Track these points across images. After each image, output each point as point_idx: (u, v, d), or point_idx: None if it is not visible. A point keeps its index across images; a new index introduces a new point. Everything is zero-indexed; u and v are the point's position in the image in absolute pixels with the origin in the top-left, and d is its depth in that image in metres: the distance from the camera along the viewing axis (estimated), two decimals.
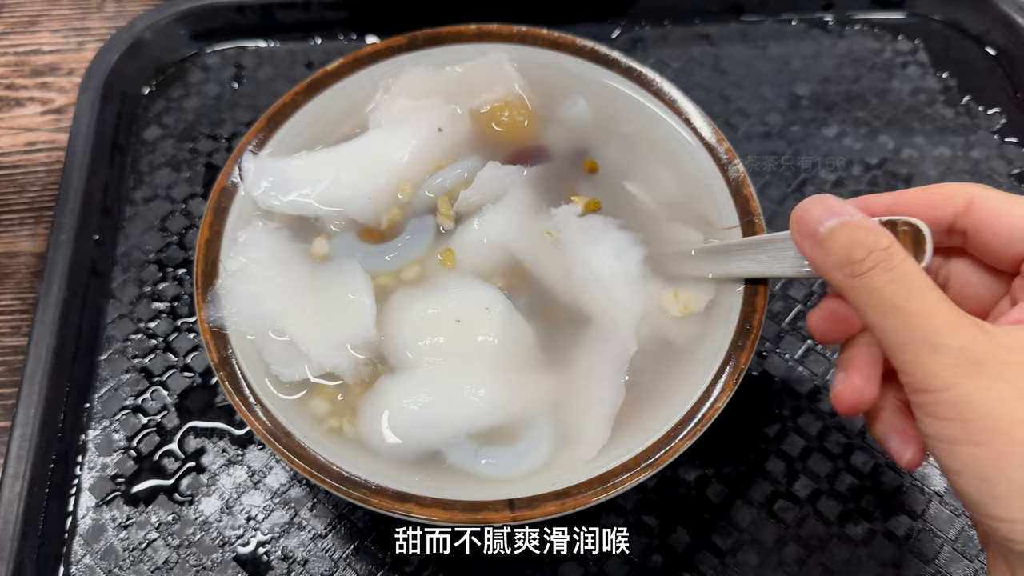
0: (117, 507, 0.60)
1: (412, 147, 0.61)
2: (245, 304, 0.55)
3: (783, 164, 0.75)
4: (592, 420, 0.51)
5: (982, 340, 0.37)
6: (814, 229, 0.43)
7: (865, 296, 0.40)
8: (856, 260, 0.40)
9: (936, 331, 0.37)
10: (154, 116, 0.78)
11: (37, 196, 0.76)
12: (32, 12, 0.86)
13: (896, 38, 0.84)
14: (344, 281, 0.56)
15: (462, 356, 0.53)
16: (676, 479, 0.61)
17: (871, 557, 0.58)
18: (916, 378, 0.38)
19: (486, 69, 0.65)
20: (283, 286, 0.56)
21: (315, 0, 0.81)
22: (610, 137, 0.63)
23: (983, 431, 0.36)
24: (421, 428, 0.51)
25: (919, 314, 0.38)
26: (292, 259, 0.58)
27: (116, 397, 0.64)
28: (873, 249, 0.40)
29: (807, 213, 0.43)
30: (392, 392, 0.52)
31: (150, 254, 0.71)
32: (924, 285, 0.39)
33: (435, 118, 0.62)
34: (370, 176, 0.60)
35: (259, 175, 0.59)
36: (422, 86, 0.64)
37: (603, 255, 0.56)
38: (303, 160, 0.60)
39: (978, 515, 0.38)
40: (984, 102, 0.80)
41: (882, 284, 0.39)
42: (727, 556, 0.58)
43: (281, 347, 0.54)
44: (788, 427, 0.63)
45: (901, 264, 0.39)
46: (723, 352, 0.53)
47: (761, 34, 0.84)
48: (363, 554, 0.58)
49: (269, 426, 0.50)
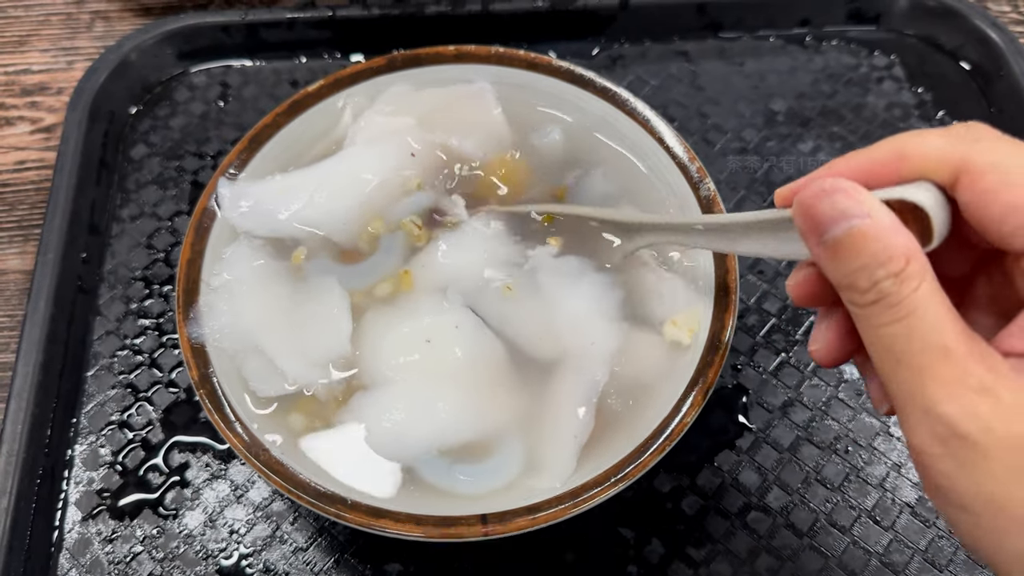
0: (103, 521, 0.61)
1: (383, 169, 0.62)
2: (226, 320, 0.56)
3: (758, 179, 0.77)
4: (559, 450, 0.52)
5: (983, 410, 0.32)
6: (820, 232, 0.36)
7: (865, 330, 0.35)
8: (860, 290, 0.34)
9: (932, 392, 0.33)
10: (141, 135, 0.79)
11: (26, 215, 0.77)
12: (22, 32, 0.88)
13: (872, 53, 0.85)
14: (322, 299, 0.57)
15: (433, 374, 0.54)
16: (651, 491, 0.62)
17: (842, 567, 0.59)
18: (910, 434, 0.34)
19: (468, 99, 0.65)
20: (264, 303, 0.57)
21: (299, 19, 0.82)
22: (580, 164, 0.65)
23: (977, 506, 0.33)
24: (394, 445, 0.52)
25: (919, 369, 0.33)
26: (273, 276, 0.59)
27: (102, 412, 0.65)
28: (879, 278, 0.34)
29: (813, 208, 0.36)
30: (365, 409, 0.53)
31: (136, 271, 0.72)
32: (930, 328, 0.33)
33: (409, 141, 0.63)
34: (342, 197, 0.60)
35: (236, 199, 0.60)
36: (400, 106, 0.65)
37: (580, 298, 0.56)
38: (278, 183, 0.61)
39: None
40: (959, 116, 0.82)
41: (883, 323, 0.34)
42: (701, 567, 0.59)
43: (260, 363, 0.55)
44: (761, 439, 0.64)
45: (908, 298, 0.33)
46: (692, 368, 0.54)
47: (738, 51, 0.85)
48: (343, 567, 0.59)
49: (247, 442, 0.51)
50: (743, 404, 0.66)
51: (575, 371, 0.54)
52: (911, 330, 0.33)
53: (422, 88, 0.67)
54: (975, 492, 0.32)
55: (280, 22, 0.82)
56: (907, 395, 0.33)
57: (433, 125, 0.64)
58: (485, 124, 0.65)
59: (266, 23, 0.82)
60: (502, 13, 0.83)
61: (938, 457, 0.33)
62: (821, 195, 0.36)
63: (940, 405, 0.32)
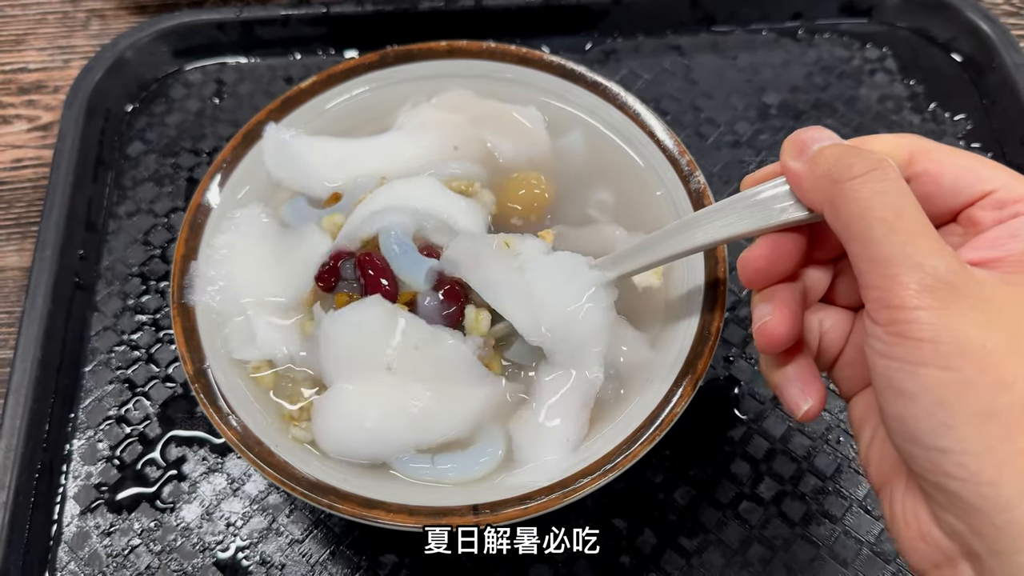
0: (101, 515, 0.62)
1: (424, 155, 0.63)
2: (222, 284, 0.58)
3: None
4: (553, 451, 0.53)
5: (962, 270, 0.36)
6: (807, 147, 0.42)
7: (853, 204, 0.39)
8: (848, 165, 0.39)
9: (923, 250, 0.36)
10: (137, 132, 0.80)
11: (24, 212, 0.77)
12: (19, 31, 0.88)
13: (864, 46, 0.86)
14: (304, 241, 0.59)
15: (400, 373, 0.53)
16: (644, 481, 0.62)
17: (834, 557, 0.60)
18: (892, 295, 0.36)
19: (519, 115, 0.66)
20: (256, 258, 0.60)
21: (294, 16, 0.83)
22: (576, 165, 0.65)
23: (954, 356, 0.35)
24: (372, 445, 0.53)
25: (908, 231, 0.37)
26: (270, 235, 0.61)
27: (100, 408, 0.66)
28: (872, 157, 0.39)
29: (801, 134, 0.43)
30: (336, 405, 0.53)
31: (133, 267, 0.72)
32: (914, 205, 0.38)
33: (454, 136, 0.64)
34: (378, 173, 0.62)
35: (279, 148, 0.63)
36: (456, 105, 0.66)
37: (572, 295, 0.55)
38: (323, 145, 0.64)
39: (916, 445, 0.37)
40: (951, 108, 0.82)
41: (872, 194, 0.38)
42: (693, 556, 0.60)
43: (241, 324, 0.57)
44: (753, 430, 0.64)
45: (895, 178, 0.39)
46: (682, 359, 0.54)
47: (731, 44, 0.85)
48: (339, 558, 0.60)
49: (242, 434, 0.52)
50: (735, 395, 0.66)
51: (568, 368, 0.54)
52: (900, 200, 0.38)
53: (481, 97, 0.68)
54: (959, 338, 0.35)
55: (275, 19, 0.83)
56: (901, 255, 0.37)
57: (481, 126, 0.66)
58: (527, 136, 0.66)
59: (261, 20, 0.83)
60: (495, 8, 0.83)
61: (924, 309, 0.36)
62: (806, 129, 0.43)
63: (932, 258, 0.36)
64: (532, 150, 0.65)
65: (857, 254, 0.39)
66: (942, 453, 0.35)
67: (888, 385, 0.37)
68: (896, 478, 0.41)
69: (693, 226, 0.49)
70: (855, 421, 0.46)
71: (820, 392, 0.45)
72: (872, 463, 0.43)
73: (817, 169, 0.41)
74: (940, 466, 0.36)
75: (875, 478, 0.43)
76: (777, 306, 0.45)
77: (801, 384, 0.46)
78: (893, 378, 0.37)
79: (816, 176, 0.41)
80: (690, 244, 0.50)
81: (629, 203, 0.64)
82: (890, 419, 0.38)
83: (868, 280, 0.38)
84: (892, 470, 0.42)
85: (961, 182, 0.42)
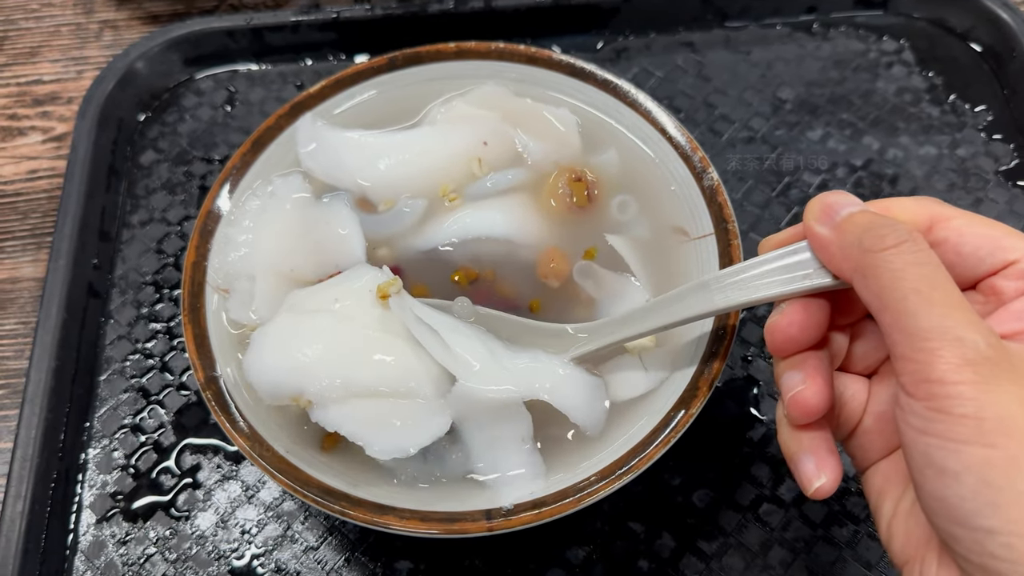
0: (117, 523, 0.62)
1: (453, 150, 0.63)
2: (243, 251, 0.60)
3: (766, 168, 0.76)
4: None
5: (999, 345, 0.36)
6: (834, 212, 0.42)
7: (886, 275, 0.38)
8: (879, 236, 0.39)
9: (961, 324, 0.35)
10: (149, 141, 0.80)
11: (39, 223, 0.78)
12: (33, 43, 0.89)
13: (881, 38, 0.84)
14: (332, 220, 0.60)
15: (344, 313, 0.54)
16: (661, 484, 0.61)
17: (857, 559, 0.58)
18: (932, 368, 0.35)
19: (552, 116, 0.66)
20: (282, 228, 0.60)
21: (304, 22, 0.83)
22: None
23: (998, 432, 0.34)
24: (296, 373, 0.52)
25: (944, 303, 0.36)
26: (297, 208, 0.62)
27: (115, 416, 0.66)
28: (901, 230, 0.39)
29: (826, 198, 0.43)
30: (271, 331, 0.54)
31: (147, 276, 0.72)
32: (947, 277, 0.37)
33: (484, 131, 0.64)
34: (406, 165, 0.63)
35: (310, 137, 0.64)
36: (488, 102, 0.66)
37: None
38: (354, 137, 0.64)
39: (960, 526, 0.35)
40: (970, 100, 0.80)
41: (906, 265, 0.37)
42: (712, 560, 0.59)
43: (245, 288, 0.58)
44: (772, 431, 0.63)
45: (927, 250, 0.38)
46: (697, 359, 0.53)
47: (744, 39, 0.84)
48: (354, 565, 0.59)
49: (253, 441, 0.52)
50: (754, 395, 0.65)
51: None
52: (934, 273, 0.37)
53: (517, 95, 0.67)
54: (1001, 415, 0.34)
55: (285, 25, 0.83)
56: (939, 328, 0.36)
57: (514, 123, 0.65)
58: (559, 139, 0.65)
59: (271, 27, 0.83)
60: (505, 9, 0.83)
61: (965, 384, 0.34)
62: (830, 194, 0.43)
63: (970, 332, 0.35)
64: (561, 152, 0.65)
65: (890, 325, 0.37)
66: (988, 534, 0.34)
67: (928, 463, 0.36)
68: (927, 554, 0.39)
69: (713, 288, 0.48)
70: (873, 494, 0.44)
71: (836, 468, 0.44)
72: (896, 538, 0.42)
73: (846, 237, 0.41)
74: (985, 547, 0.34)
75: (900, 555, 0.42)
76: (809, 375, 0.44)
77: (816, 458, 0.44)
78: (934, 456, 0.35)
79: (845, 244, 0.41)
80: (709, 307, 0.48)
81: (646, 203, 0.63)
82: (929, 498, 0.36)
83: (903, 352, 0.37)
84: (922, 546, 0.40)
85: (983, 251, 0.42)
